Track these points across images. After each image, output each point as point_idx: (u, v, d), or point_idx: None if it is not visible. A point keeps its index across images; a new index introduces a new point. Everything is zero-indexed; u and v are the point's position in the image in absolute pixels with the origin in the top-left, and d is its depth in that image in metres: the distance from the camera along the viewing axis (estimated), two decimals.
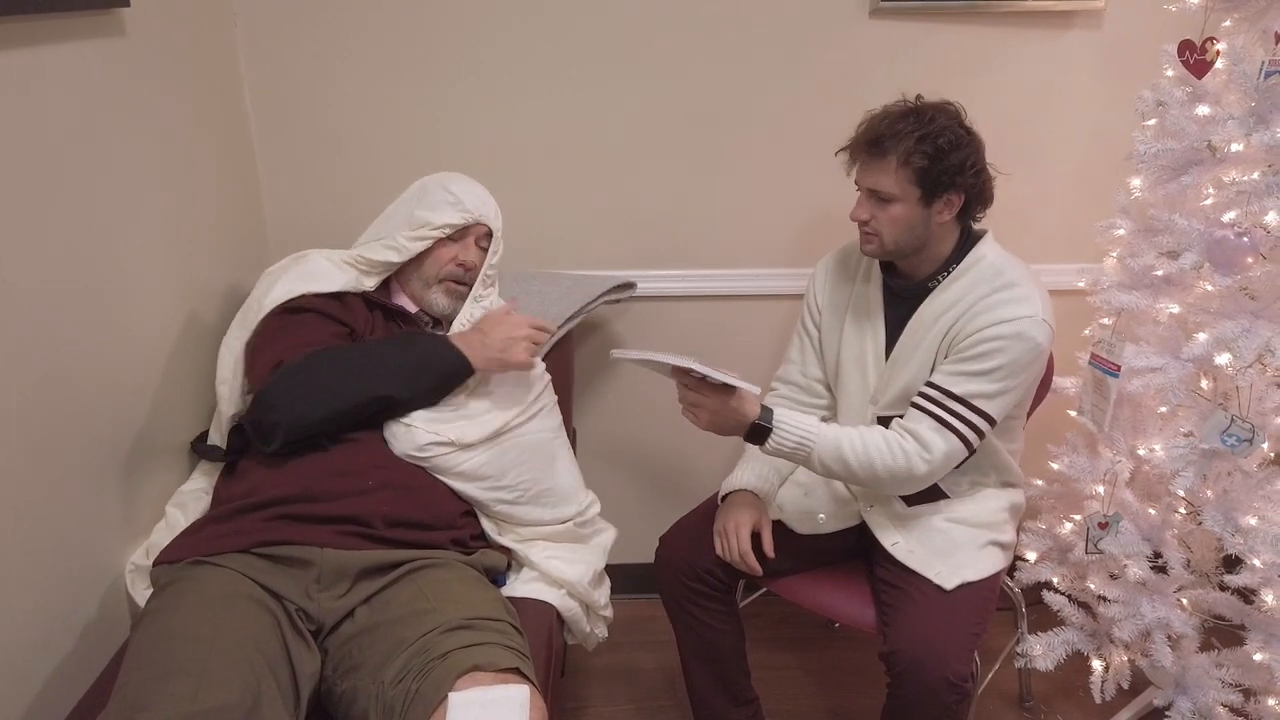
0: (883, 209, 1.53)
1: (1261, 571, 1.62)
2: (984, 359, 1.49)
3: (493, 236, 1.71)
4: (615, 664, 2.18)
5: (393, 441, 1.51)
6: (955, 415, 1.50)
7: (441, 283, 1.67)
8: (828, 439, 1.50)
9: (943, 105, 1.54)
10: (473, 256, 1.68)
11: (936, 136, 1.48)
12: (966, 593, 1.54)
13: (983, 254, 1.57)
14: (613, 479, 2.27)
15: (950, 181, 1.49)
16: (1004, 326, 1.48)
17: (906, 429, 1.53)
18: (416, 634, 1.23)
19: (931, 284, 1.59)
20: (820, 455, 1.50)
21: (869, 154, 1.53)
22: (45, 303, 1.27)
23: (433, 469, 1.52)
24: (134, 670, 1.12)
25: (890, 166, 1.50)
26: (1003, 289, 1.52)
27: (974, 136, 1.53)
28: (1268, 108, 1.54)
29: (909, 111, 1.52)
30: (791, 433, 1.50)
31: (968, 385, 1.50)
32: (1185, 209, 1.70)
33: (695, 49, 1.92)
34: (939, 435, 1.50)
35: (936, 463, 1.50)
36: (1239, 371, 1.57)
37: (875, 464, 1.50)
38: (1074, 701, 2.08)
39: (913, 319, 1.60)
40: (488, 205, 1.70)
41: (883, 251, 1.58)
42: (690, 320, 2.15)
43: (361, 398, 1.46)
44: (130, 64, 1.48)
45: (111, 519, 1.45)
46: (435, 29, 1.88)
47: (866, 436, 1.52)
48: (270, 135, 1.94)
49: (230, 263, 1.82)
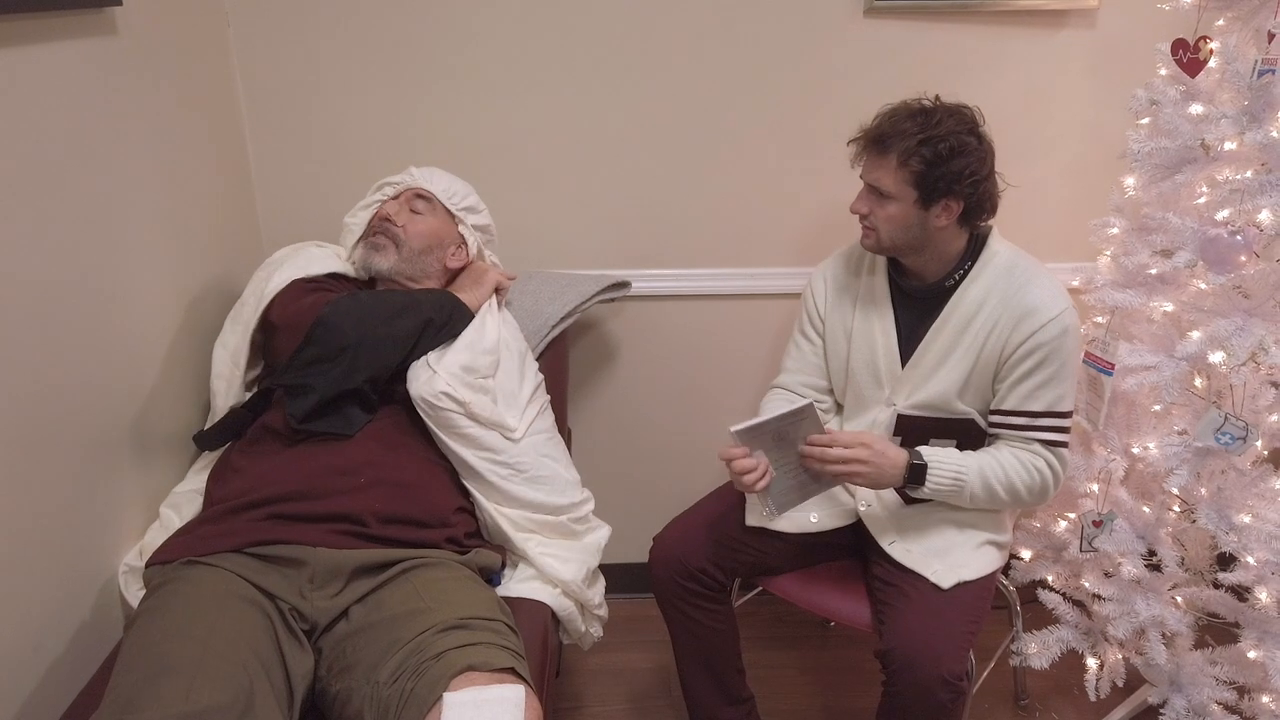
0: (881, 205, 1.54)
1: (1255, 569, 1.63)
2: (1044, 366, 1.53)
3: (429, 200, 1.74)
4: (610, 664, 2.18)
5: (413, 382, 1.54)
6: (1050, 429, 1.57)
7: (365, 238, 1.72)
8: (975, 471, 1.56)
9: (957, 109, 1.53)
10: (392, 208, 1.72)
11: (939, 141, 1.47)
12: (962, 591, 1.54)
13: (995, 249, 1.60)
14: (607, 478, 2.27)
15: (948, 188, 1.49)
16: (1051, 327, 1.51)
17: (1026, 449, 1.58)
18: (411, 634, 1.22)
19: (948, 284, 1.60)
20: (971, 489, 1.55)
21: (872, 149, 1.54)
22: (37, 302, 1.26)
23: (437, 424, 1.54)
24: (126, 671, 1.12)
25: (890, 165, 1.51)
26: (1026, 285, 1.55)
27: (983, 144, 1.52)
28: (1260, 106, 1.54)
29: (919, 112, 1.52)
30: (946, 469, 1.55)
31: (1044, 397, 1.55)
32: (1179, 207, 1.70)
33: (690, 48, 1.92)
34: (1050, 451, 1.58)
35: (1061, 473, 1.59)
36: (1233, 370, 1.58)
37: (1018, 486, 1.56)
38: (1069, 699, 2.09)
39: (938, 321, 1.60)
40: (427, 174, 1.77)
41: (879, 247, 1.59)
42: (685, 320, 2.15)
43: (411, 322, 1.55)
44: (122, 63, 1.47)
45: (105, 520, 1.44)
46: (429, 28, 1.88)
47: (1004, 461, 1.57)
48: (263, 133, 1.93)
49: (223, 262, 1.81)
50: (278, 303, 1.59)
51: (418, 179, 1.76)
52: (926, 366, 1.61)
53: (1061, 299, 1.54)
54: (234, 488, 1.44)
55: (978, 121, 1.53)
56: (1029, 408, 1.56)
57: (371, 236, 1.71)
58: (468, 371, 1.57)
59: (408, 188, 1.74)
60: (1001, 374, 1.57)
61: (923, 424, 1.63)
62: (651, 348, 2.17)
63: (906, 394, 1.63)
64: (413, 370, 1.56)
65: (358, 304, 1.52)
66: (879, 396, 1.67)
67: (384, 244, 1.69)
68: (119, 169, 1.46)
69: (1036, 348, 1.52)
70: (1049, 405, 1.55)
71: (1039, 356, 1.53)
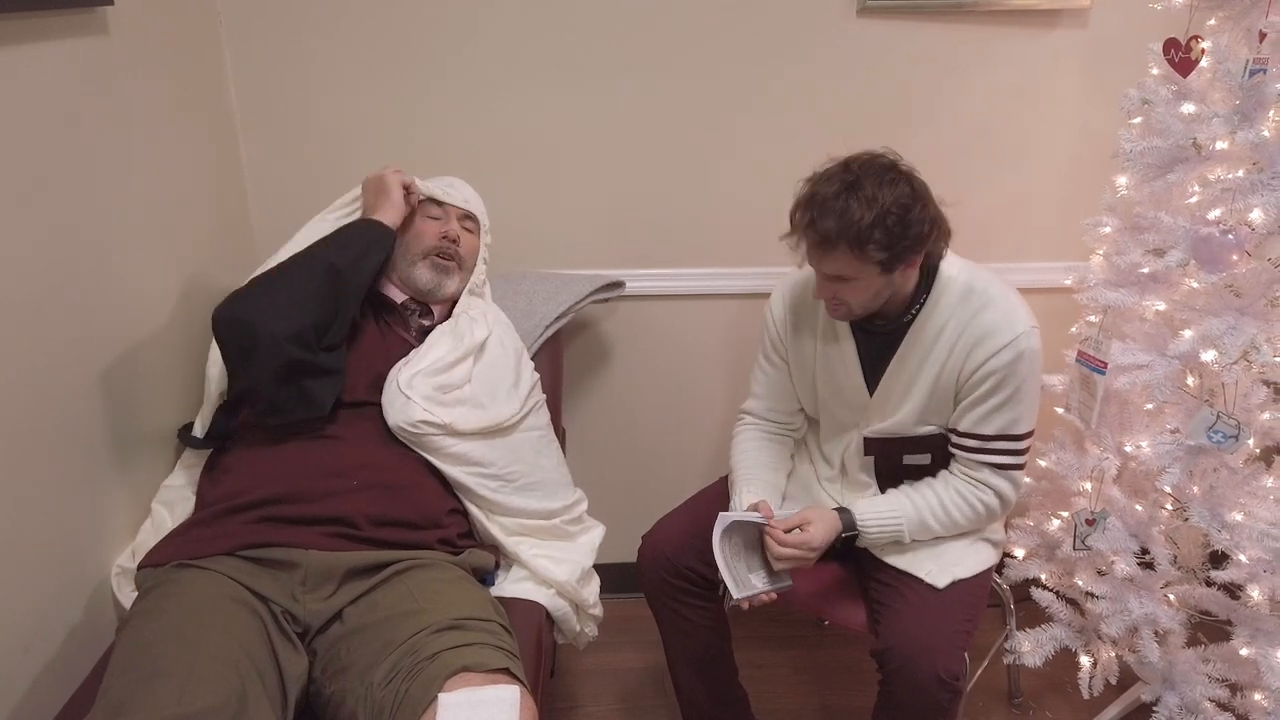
0: (845, 287, 1.48)
1: (1247, 567, 1.63)
2: (998, 390, 1.52)
3: (476, 220, 1.76)
4: (604, 664, 2.18)
5: (388, 410, 1.52)
6: (1000, 453, 1.56)
7: (426, 258, 1.69)
8: (912, 519, 1.58)
9: (876, 164, 1.42)
10: (456, 229, 1.72)
11: (885, 218, 1.38)
12: (958, 590, 1.54)
13: (949, 275, 1.54)
14: (602, 478, 2.27)
15: (910, 252, 1.44)
16: (1005, 353, 1.49)
17: (971, 476, 1.60)
18: (405, 635, 1.22)
19: (906, 319, 1.57)
20: (911, 533, 1.58)
21: (820, 249, 1.44)
22: (28, 300, 1.26)
23: (421, 448, 1.52)
24: (118, 674, 1.11)
25: (845, 256, 1.42)
26: (981, 310, 1.51)
27: (915, 186, 1.43)
28: (1252, 105, 1.55)
29: (845, 189, 1.40)
30: (879, 526, 1.58)
31: (996, 422, 1.54)
32: (1171, 206, 1.71)
33: (683, 47, 1.92)
34: (999, 476, 1.58)
35: (1010, 497, 1.59)
36: (1225, 368, 1.58)
37: (959, 521, 1.59)
38: (1062, 698, 2.09)
39: (898, 355, 1.58)
40: (467, 191, 1.78)
41: (852, 316, 1.55)
42: (679, 319, 2.14)
43: (310, 274, 1.51)
44: (114, 62, 1.47)
45: (98, 519, 1.43)
46: (422, 27, 1.87)
47: (944, 497, 1.59)
48: (255, 132, 1.93)
49: (216, 259, 1.81)
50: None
51: (465, 200, 1.76)
52: (894, 398, 1.61)
53: (1019, 321, 1.49)
54: (226, 489, 1.43)
55: (898, 164, 1.44)
56: (981, 431, 1.55)
57: (438, 258, 1.68)
58: (441, 390, 1.55)
59: (457, 207, 1.75)
60: (959, 396, 1.56)
61: (892, 444, 1.64)
62: (646, 347, 2.17)
63: (875, 421, 1.63)
64: (386, 397, 1.53)
65: (248, 289, 1.49)
66: (852, 421, 1.68)
67: (452, 268, 1.70)
68: (110, 168, 1.45)
69: (991, 373, 1.50)
70: (1002, 429, 1.54)
71: (993, 382, 1.51)
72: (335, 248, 1.57)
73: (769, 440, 1.77)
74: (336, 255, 1.55)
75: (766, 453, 1.75)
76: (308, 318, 1.46)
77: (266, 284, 1.50)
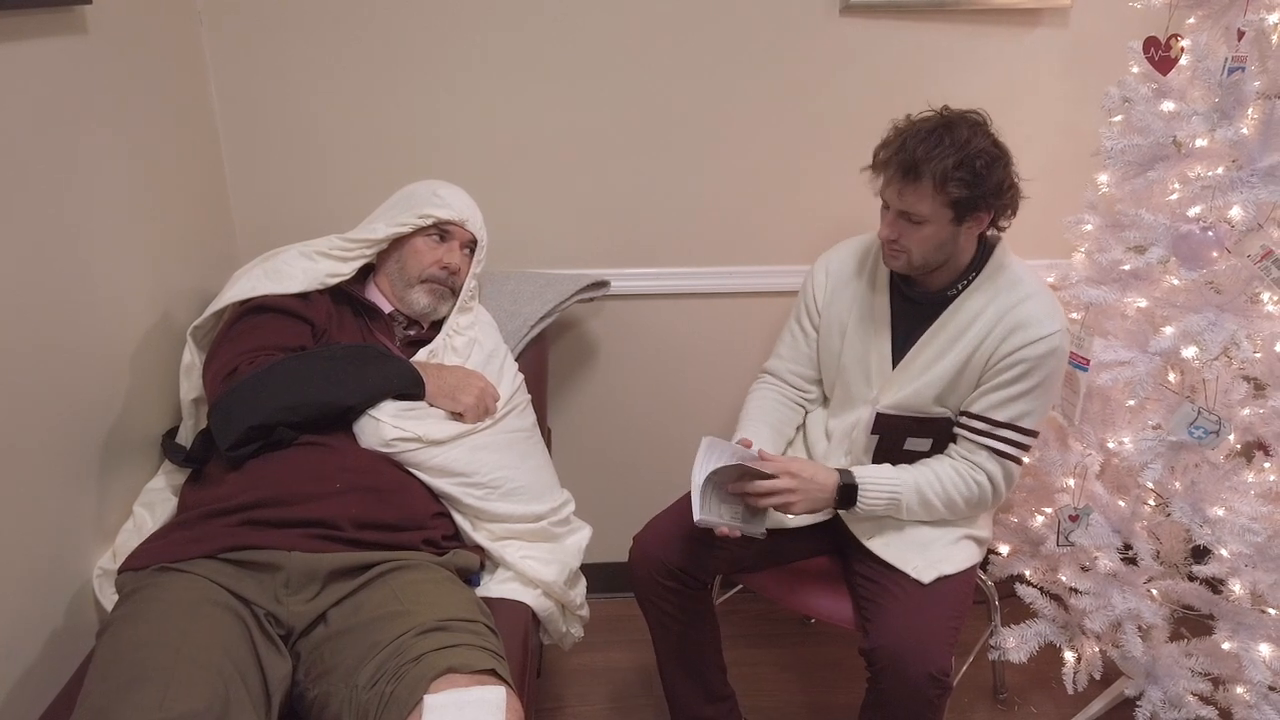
0: (912, 229, 1.51)
1: (1229, 561, 1.65)
2: (1022, 380, 1.53)
3: (476, 246, 1.74)
4: (591, 663, 2.18)
5: (360, 435, 1.51)
6: (1005, 441, 1.57)
7: (424, 283, 1.68)
8: (910, 486, 1.58)
9: (973, 118, 1.49)
10: (456, 260, 1.70)
11: (974, 160, 1.44)
12: (944, 586, 1.55)
13: (1002, 263, 1.59)
14: (588, 478, 2.27)
15: (985, 203, 1.48)
16: (1039, 345, 1.51)
17: (968, 459, 1.59)
18: (390, 636, 1.22)
19: (951, 293, 1.59)
20: (907, 503, 1.58)
21: (902, 176, 1.47)
22: (7, 304, 1.24)
23: (404, 463, 1.52)
24: (99, 679, 1.10)
25: (925, 191, 1.46)
26: (1025, 300, 1.54)
27: (1003, 150, 1.49)
28: (1231, 103, 1.56)
29: (941, 127, 1.46)
30: (879, 488, 1.57)
31: (1010, 410, 1.55)
32: (1151, 204, 1.72)
33: (668, 48, 1.92)
34: (996, 463, 1.58)
35: (1002, 487, 1.60)
36: (1205, 364, 1.60)
37: (955, 499, 1.59)
38: (1047, 693, 2.10)
39: (933, 327, 1.60)
40: (475, 214, 1.74)
41: (910, 267, 1.57)
42: (664, 319, 2.14)
43: (317, 410, 1.46)
44: (92, 62, 1.45)
45: (79, 522, 1.42)
46: (406, 26, 1.87)
47: (940, 474, 1.59)
48: (237, 134, 1.91)
49: (198, 262, 1.79)
50: (217, 334, 1.59)
51: (471, 221, 1.72)
52: (915, 370, 1.62)
53: (1057, 319, 1.53)
54: (208, 493, 1.42)
55: (989, 124, 1.50)
56: (993, 415, 1.57)
57: (434, 284, 1.68)
58: (410, 409, 1.54)
59: (460, 221, 1.70)
60: (983, 379, 1.58)
61: (900, 423, 1.64)
62: (631, 347, 2.17)
63: (891, 394, 1.64)
64: (357, 425, 1.51)
65: (257, 389, 1.43)
66: (866, 395, 1.68)
67: (447, 295, 1.71)
68: (89, 170, 1.44)
69: (1021, 361, 1.53)
70: (1013, 417, 1.56)
71: (1021, 369, 1.53)
72: (361, 389, 1.50)
73: (782, 402, 1.79)
74: (357, 395, 1.50)
75: (777, 413, 1.77)
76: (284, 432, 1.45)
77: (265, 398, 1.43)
